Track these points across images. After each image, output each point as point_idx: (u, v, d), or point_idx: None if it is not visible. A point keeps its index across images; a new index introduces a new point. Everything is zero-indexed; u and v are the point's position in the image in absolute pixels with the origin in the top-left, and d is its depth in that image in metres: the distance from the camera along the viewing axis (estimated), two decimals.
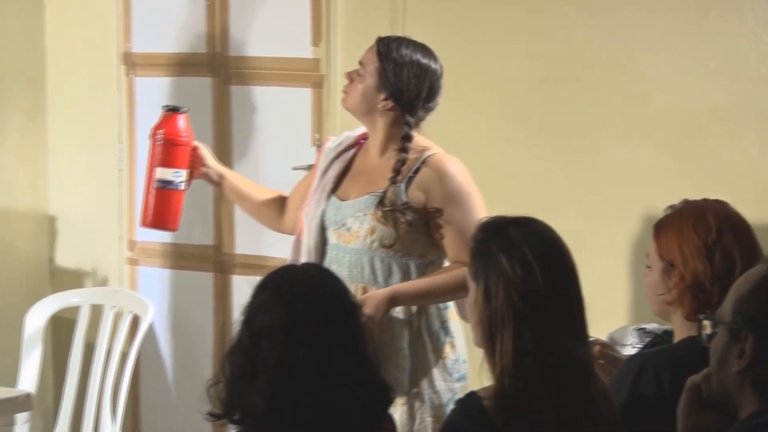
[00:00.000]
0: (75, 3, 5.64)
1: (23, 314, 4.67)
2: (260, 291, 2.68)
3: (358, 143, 3.84)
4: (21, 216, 5.67)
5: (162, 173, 3.92)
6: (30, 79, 5.68)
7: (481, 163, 4.80)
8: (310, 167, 4.34)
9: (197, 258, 5.41)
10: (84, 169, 5.66)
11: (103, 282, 5.55)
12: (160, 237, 5.49)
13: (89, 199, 5.67)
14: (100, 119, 5.59)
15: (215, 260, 5.38)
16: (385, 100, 3.67)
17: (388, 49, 3.71)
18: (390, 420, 2.74)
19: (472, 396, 2.58)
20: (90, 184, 5.66)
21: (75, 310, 4.69)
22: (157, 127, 3.93)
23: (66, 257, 5.71)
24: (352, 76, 3.74)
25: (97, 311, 4.60)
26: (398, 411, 3.60)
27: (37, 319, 4.62)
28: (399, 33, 4.84)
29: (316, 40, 5.09)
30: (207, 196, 5.35)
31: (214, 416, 2.67)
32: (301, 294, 2.65)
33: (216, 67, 5.33)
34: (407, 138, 3.67)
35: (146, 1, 5.48)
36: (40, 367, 4.64)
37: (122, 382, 4.47)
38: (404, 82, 3.66)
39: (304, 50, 5.13)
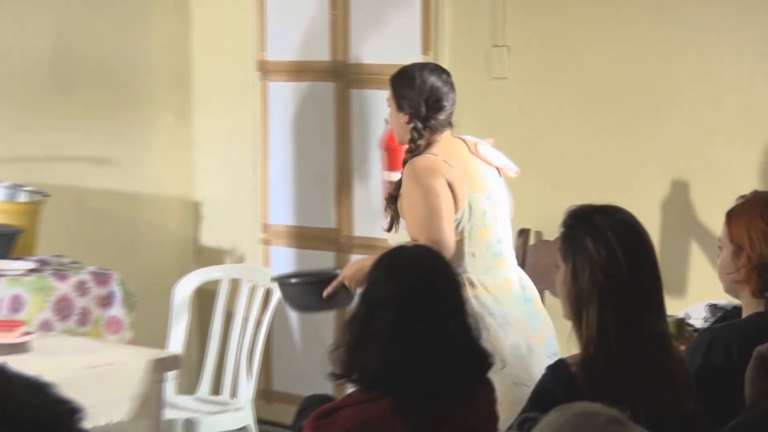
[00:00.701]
0: (217, 17, 5.70)
1: (172, 287, 4.73)
2: (376, 268, 2.69)
3: None
4: (170, 202, 5.75)
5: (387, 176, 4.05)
6: (178, 84, 5.76)
7: (566, 158, 4.77)
8: None
9: (320, 239, 5.44)
10: (224, 161, 5.73)
11: (240, 259, 5.61)
12: (289, 220, 5.55)
13: (228, 188, 5.73)
14: (238, 118, 5.64)
15: (336, 241, 5.40)
16: (405, 117, 3.69)
17: (397, 78, 3.75)
18: (489, 383, 2.74)
19: (561, 363, 2.57)
20: (229, 175, 5.72)
21: (216, 283, 4.75)
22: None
23: (208, 238, 5.78)
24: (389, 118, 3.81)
25: (235, 284, 4.65)
26: None
27: (183, 291, 4.69)
28: (498, 42, 4.85)
29: (426, 49, 5.09)
30: (329, 185, 5.38)
31: (335, 376, 2.69)
32: (409, 271, 2.66)
33: (338, 73, 5.35)
34: (413, 141, 3.68)
35: (278, 15, 5.51)
36: (186, 332, 4.71)
37: (256, 345, 4.51)
38: (412, 98, 3.68)
39: (415, 57, 5.12)
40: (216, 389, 4.57)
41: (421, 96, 3.68)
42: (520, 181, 4.90)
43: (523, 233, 4.76)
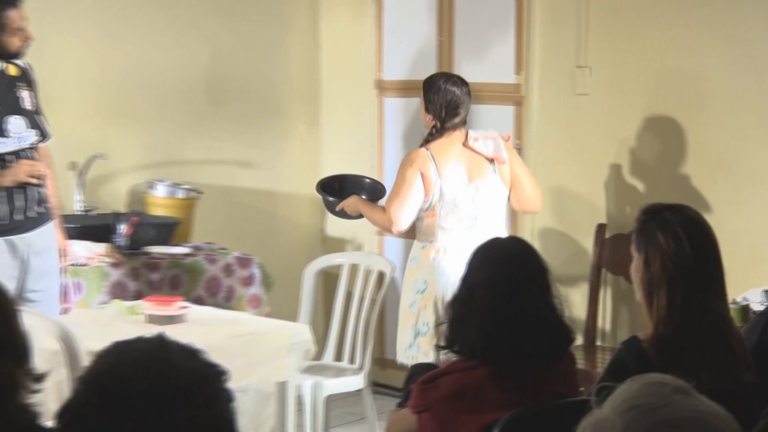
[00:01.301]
0: (342, 43, 5.72)
1: (302, 270, 4.77)
2: (474, 255, 2.68)
3: None
4: (301, 199, 5.79)
5: None
6: (309, 99, 5.80)
7: (640, 163, 4.69)
8: None
9: None
10: (346, 164, 5.74)
11: (359, 247, 5.63)
12: None
13: None
14: (358, 128, 5.66)
15: None
16: (429, 116, 4.02)
17: (427, 85, 4.06)
18: (572, 355, 2.71)
19: (634, 339, 2.53)
20: (349, 172, 5.73)
21: (339, 267, 4.77)
22: None
23: (333, 229, 5.81)
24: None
25: (354, 268, 4.66)
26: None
27: (311, 273, 4.71)
28: (581, 63, 4.78)
29: (518, 69, 5.04)
30: None
31: (440, 347, 2.68)
32: (502, 257, 2.64)
33: None
34: (429, 135, 4.00)
35: (393, 40, 5.52)
36: (314, 308, 4.74)
37: (372, 319, 4.52)
38: (436, 103, 3.99)
39: (509, 77, 5.09)
40: (338, 356, 4.59)
41: (443, 103, 3.98)
42: (598, 182, 4.84)
43: (601, 228, 4.69)
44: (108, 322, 3.72)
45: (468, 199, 3.94)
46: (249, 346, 3.59)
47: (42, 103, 4.03)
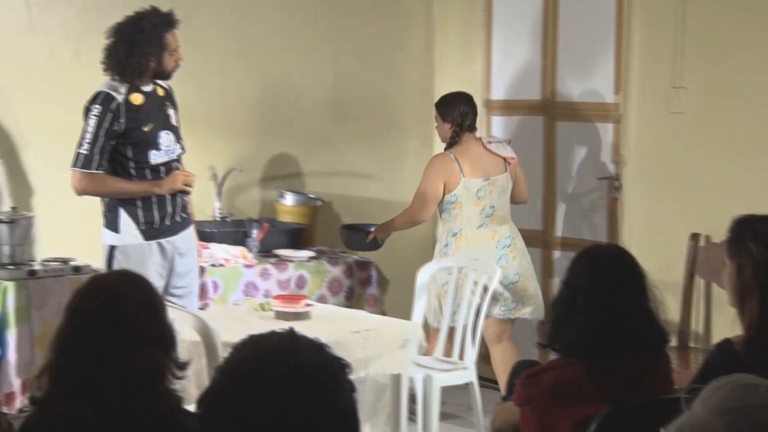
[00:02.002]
0: (453, 66, 5.71)
1: (415, 272, 4.77)
2: (575, 261, 2.64)
3: None
4: None
5: None
6: (423, 117, 5.80)
7: (731, 176, 4.55)
8: None
9: (529, 238, 5.36)
10: None
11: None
12: None
13: None
14: None
15: (542, 240, 5.33)
16: (448, 125, 4.48)
17: (443, 102, 4.58)
18: (667, 356, 2.64)
19: (727, 341, 2.46)
20: None
21: (449, 270, 4.76)
22: None
23: None
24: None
25: (462, 272, 4.64)
26: None
27: (424, 275, 4.71)
28: (677, 83, 4.68)
29: (617, 89, 4.96)
30: (538, 194, 5.31)
31: (542, 345, 2.65)
32: (601, 262, 2.60)
33: (546, 108, 5.28)
34: (452, 138, 4.49)
35: (501, 64, 5.49)
36: (425, 307, 4.73)
37: (479, 319, 4.49)
38: (454, 115, 4.48)
39: (608, 96, 5.01)
40: (448, 352, 4.57)
41: (458, 113, 4.46)
42: (691, 195, 4.72)
43: (694, 237, 4.58)
44: (241, 318, 3.78)
45: (487, 192, 4.42)
46: (367, 341, 3.61)
47: (186, 121, 4.13)
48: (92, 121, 3.72)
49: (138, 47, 3.76)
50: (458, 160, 4.39)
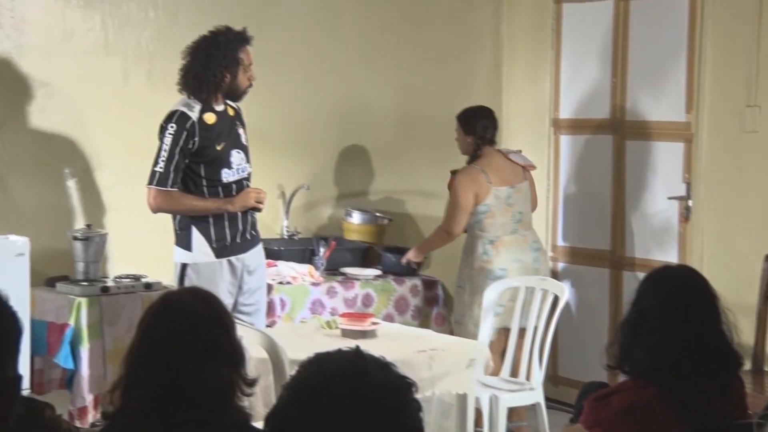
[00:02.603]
0: (521, 85, 5.69)
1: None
2: (645, 281, 2.60)
3: None
4: None
5: None
6: None
7: None
8: None
9: (598, 258, 5.32)
10: None
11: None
12: (573, 242, 5.45)
13: None
14: (535, 163, 5.60)
15: (611, 260, 5.27)
16: (471, 138, 4.63)
17: (465, 116, 4.71)
18: (740, 379, 2.58)
19: None
20: None
21: (516, 290, 4.73)
22: None
23: None
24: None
25: (530, 292, 4.61)
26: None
27: (490, 295, 4.67)
28: (751, 102, 4.59)
29: (689, 108, 4.89)
30: (607, 215, 5.25)
31: (610, 367, 2.61)
32: (673, 284, 2.55)
33: (616, 127, 5.23)
34: (475, 151, 4.64)
35: (570, 82, 5.45)
36: (493, 327, 4.69)
37: (546, 339, 4.45)
38: (475, 128, 4.62)
39: (679, 116, 4.94)
40: (515, 372, 4.53)
41: (480, 128, 4.60)
42: (765, 215, 4.62)
43: None
44: (308, 335, 3.80)
45: (515, 199, 4.60)
46: (433, 361, 3.59)
47: (254, 139, 4.18)
48: (168, 140, 3.79)
49: (213, 62, 3.82)
50: (485, 171, 4.56)
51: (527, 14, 5.63)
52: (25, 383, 3.28)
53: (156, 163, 3.81)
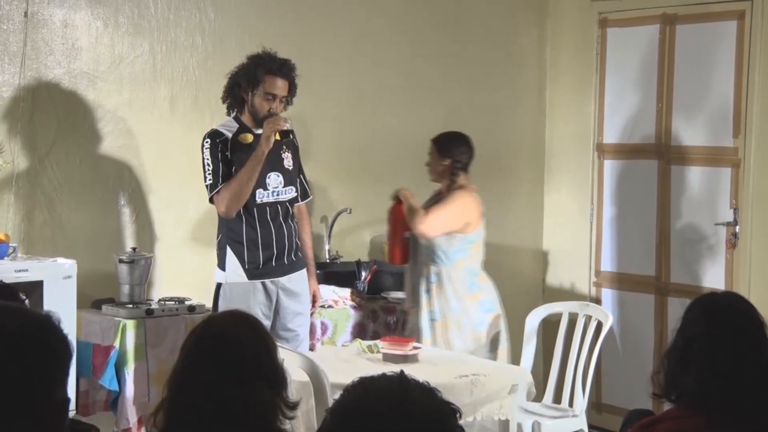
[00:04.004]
0: (565, 110, 5.68)
1: (523, 317, 4.72)
2: (691, 308, 2.56)
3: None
4: (524, 251, 5.75)
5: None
6: (534, 159, 5.77)
7: None
8: None
9: (643, 284, 5.27)
10: (567, 220, 5.67)
11: (578, 297, 5.51)
12: (617, 268, 5.40)
13: (570, 241, 5.67)
14: (579, 187, 5.58)
15: (656, 286, 5.21)
16: (448, 161, 4.35)
17: (444, 140, 4.44)
18: None
19: None
20: (571, 230, 5.66)
21: (558, 315, 4.69)
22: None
23: (553, 279, 5.73)
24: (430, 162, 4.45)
25: (573, 318, 4.57)
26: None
27: (533, 320, 4.66)
28: None
29: (736, 133, 4.84)
30: (651, 240, 5.20)
31: (656, 395, 2.57)
32: (720, 310, 2.51)
33: (661, 153, 5.19)
34: (452, 176, 4.36)
35: (614, 107, 5.43)
36: (535, 353, 4.67)
37: (590, 366, 4.41)
38: (453, 152, 4.36)
39: (727, 141, 4.89)
40: (557, 399, 4.49)
41: (458, 153, 4.36)
42: None
43: None
44: (349, 359, 3.80)
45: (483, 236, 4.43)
46: (475, 386, 3.57)
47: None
48: (206, 153, 3.90)
49: (234, 78, 3.93)
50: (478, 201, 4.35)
51: (571, 38, 5.62)
52: (71, 405, 3.32)
53: (205, 178, 3.92)
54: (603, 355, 5.06)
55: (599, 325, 4.44)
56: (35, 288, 3.67)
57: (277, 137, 3.97)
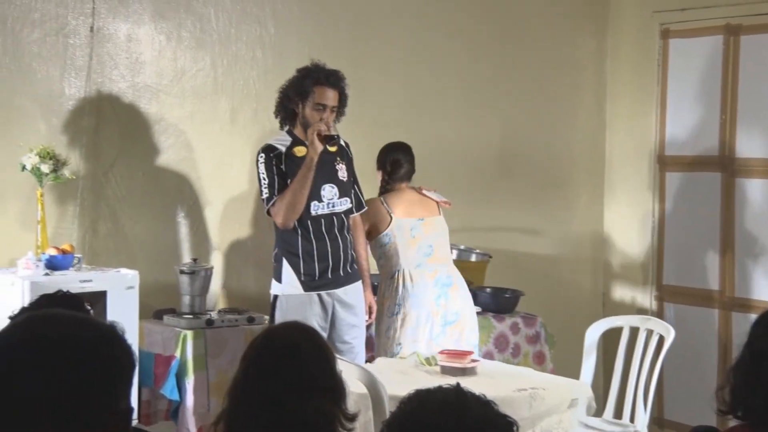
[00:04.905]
0: (626, 122, 5.63)
1: (583, 330, 4.67)
2: (759, 324, 2.50)
3: None
4: (584, 264, 5.70)
5: None
6: (593, 172, 5.73)
7: None
8: None
9: (705, 298, 5.19)
10: (628, 233, 5.61)
11: (639, 311, 5.45)
12: (679, 281, 5.32)
13: (631, 253, 5.61)
14: (639, 200, 5.52)
15: (720, 300, 5.13)
16: (380, 173, 4.39)
17: (380, 153, 4.43)
18: None
19: None
20: (631, 243, 5.60)
21: (619, 329, 4.64)
22: None
23: (614, 293, 5.67)
24: None
25: (633, 331, 4.51)
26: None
27: (593, 334, 4.61)
28: None
29: None
30: (715, 253, 5.11)
31: (722, 411, 2.52)
32: None
33: (725, 165, 5.11)
34: (384, 189, 4.39)
35: (676, 119, 5.37)
36: (595, 366, 4.62)
37: (651, 381, 4.34)
38: (383, 162, 4.40)
39: None
40: (618, 414, 4.44)
41: (388, 163, 4.38)
42: None
43: None
44: (407, 371, 3.80)
45: (422, 232, 4.34)
46: (533, 400, 3.54)
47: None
48: (261, 167, 3.95)
49: (284, 92, 4.00)
50: (387, 202, 4.34)
51: (632, 49, 5.57)
52: (134, 414, 3.37)
53: (261, 192, 3.97)
54: (665, 369, 4.99)
55: (661, 340, 4.38)
56: (99, 298, 3.74)
57: (332, 150, 4.00)
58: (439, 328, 4.26)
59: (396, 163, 4.40)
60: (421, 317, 4.24)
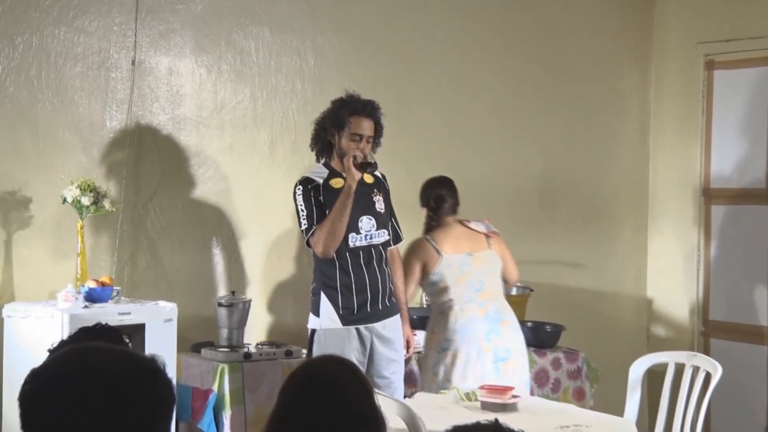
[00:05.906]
0: (670, 150, 5.61)
1: (626, 366, 4.63)
2: None
3: None
4: (627, 299, 5.66)
5: None
6: (636, 205, 5.71)
7: None
8: None
9: (754, 335, 5.13)
10: (672, 267, 5.57)
11: (684, 347, 5.39)
12: (726, 317, 5.27)
13: (676, 289, 5.56)
14: (684, 234, 5.48)
15: None
16: (425, 210, 4.38)
17: (421, 189, 4.42)
18: None
19: None
20: (676, 278, 5.55)
21: (664, 366, 4.59)
22: None
23: (658, 328, 5.62)
24: None
25: (679, 368, 4.47)
26: None
27: (637, 370, 4.56)
28: None
29: None
30: (763, 288, 5.05)
31: None
32: None
33: None
34: (429, 226, 4.39)
35: (721, 151, 5.34)
36: (640, 404, 4.57)
37: (698, 419, 4.29)
38: (426, 198, 4.40)
39: None
40: None
41: (432, 199, 4.37)
42: None
43: None
44: (447, 406, 3.78)
45: (472, 267, 4.31)
46: None
47: (397, 205, 4.24)
48: (299, 199, 3.97)
49: (320, 123, 4.03)
50: (435, 240, 4.33)
51: (676, 81, 5.56)
52: None
53: (300, 224, 3.98)
54: (712, 407, 4.93)
55: (708, 377, 4.33)
56: (137, 331, 3.77)
57: (369, 182, 4.02)
58: (490, 365, 4.23)
59: (439, 198, 4.39)
60: (472, 354, 4.22)
